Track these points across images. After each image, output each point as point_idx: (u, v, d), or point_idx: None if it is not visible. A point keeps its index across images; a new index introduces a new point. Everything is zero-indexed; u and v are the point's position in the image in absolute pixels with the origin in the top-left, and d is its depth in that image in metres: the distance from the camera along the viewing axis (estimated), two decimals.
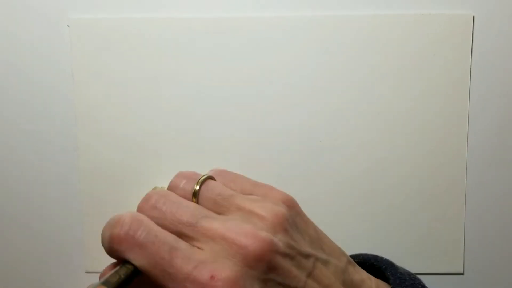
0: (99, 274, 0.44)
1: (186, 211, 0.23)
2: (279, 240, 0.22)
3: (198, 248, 0.21)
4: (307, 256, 0.23)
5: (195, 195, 0.25)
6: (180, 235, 0.22)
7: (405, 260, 0.44)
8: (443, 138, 0.42)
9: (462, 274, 0.44)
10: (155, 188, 0.42)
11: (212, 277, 0.20)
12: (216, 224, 0.22)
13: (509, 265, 0.44)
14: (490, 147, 0.43)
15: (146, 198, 0.24)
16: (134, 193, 0.44)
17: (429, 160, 0.43)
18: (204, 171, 0.43)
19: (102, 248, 0.44)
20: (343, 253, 0.26)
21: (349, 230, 0.43)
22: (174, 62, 0.42)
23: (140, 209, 0.24)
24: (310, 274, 0.22)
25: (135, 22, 0.42)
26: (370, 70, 0.42)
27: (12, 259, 0.45)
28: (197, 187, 0.25)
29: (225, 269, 0.20)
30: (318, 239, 0.25)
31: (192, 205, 0.24)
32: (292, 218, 0.24)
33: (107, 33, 0.42)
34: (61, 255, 0.45)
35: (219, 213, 0.23)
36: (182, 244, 0.21)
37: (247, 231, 0.21)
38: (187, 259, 0.21)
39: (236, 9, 0.42)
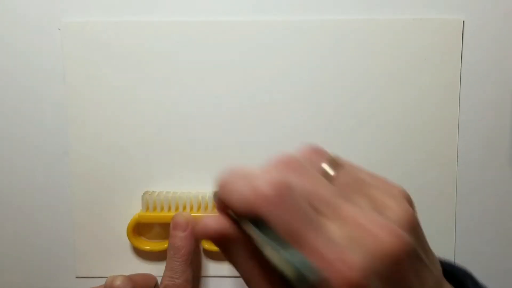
0: (89, 279, 0.44)
1: (326, 187, 0.22)
2: (412, 242, 0.20)
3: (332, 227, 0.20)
4: (425, 264, 0.21)
5: (328, 174, 0.23)
6: (315, 209, 0.21)
7: None
8: (433, 142, 0.43)
9: None
10: (146, 193, 0.42)
11: (339, 259, 0.19)
12: (353, 209, 0.21)
13: (500, 269, 0.44)
14: (480, 151, 0.43)
15: (285, 160, 0.23)
16: (125, 197, 0.43)
17: (420, 164, 0.43)
18: (199, 174, 0.43)
19: (93, 253, 0.44)
20: (437, 262, 0.25)
21: None
22: (166, 66, 0.42)
23: (275, 167, 0.22)
24: (423, 284, 0.21)
25: (127, 25, 0.42)
26: (361, 74, 0.42)
27: (3, 264, 0.45)
28: (331, 170, 0.24)
29: (354, 255, 0.19)
30: (429, 249, 0.23)
31: (328, 183, 0.22)
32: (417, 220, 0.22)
33: (98, 37, 0.42)
34: (52, 259, 0.45)
35: (348, 198, 0.22)
36: (319, 217, 0.20)
37: (384, 224, 0.20)
38: (321, 234, 0.20)
39: (231, 13, 0.42)
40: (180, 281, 0.39)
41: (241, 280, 0.22)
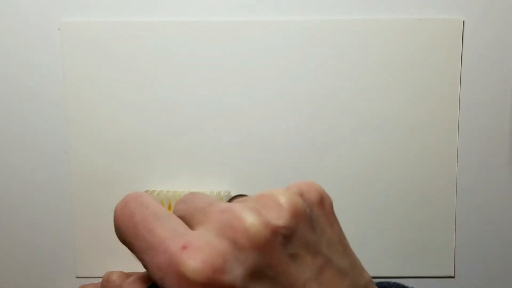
0: (89, 279, 0.44)
1: (206, 199, 0.20)
2: (290, 231, 0.18)
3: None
4: (316, 254, 0.19)
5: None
6: (190, 220, 0.19)
7: (397, 263, 0.44)
8: (434, 141, 0.43)
9: (453, 277, 0.44)
10: (146, 192, 0.42)
11: (184, 247, 0.16)
12: (226, 204, 0.19)
13: (499, 268, 0.44)
14: (481, 150, 0.43)
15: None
16: None
17: (420, 163, 0.43)
18: (199, 172, 0.43)
19: (93, 253, 0.44)
20: (366, 272, 0.22)
21: None
22: (166, 66, 0.42)
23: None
24: (316, 276, 0.19)
25: (127, 25, 0.42)
26: (361, 74, 0.42)
27: (3, 264, 0.45)
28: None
29: (204, 241, 0.17)
30: (340, 244, 0.21)
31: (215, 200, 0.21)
32: (314, 214, 0.20)
33: (98, 36, 0.42)
34: (52, 259, 0.45)
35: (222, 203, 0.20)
36: (174, 218, 0.19)
37: (251, 212, 0.18)
38: (169, 229, 0.18)
39: (231, 13, 0.42)
40: None
41: None
